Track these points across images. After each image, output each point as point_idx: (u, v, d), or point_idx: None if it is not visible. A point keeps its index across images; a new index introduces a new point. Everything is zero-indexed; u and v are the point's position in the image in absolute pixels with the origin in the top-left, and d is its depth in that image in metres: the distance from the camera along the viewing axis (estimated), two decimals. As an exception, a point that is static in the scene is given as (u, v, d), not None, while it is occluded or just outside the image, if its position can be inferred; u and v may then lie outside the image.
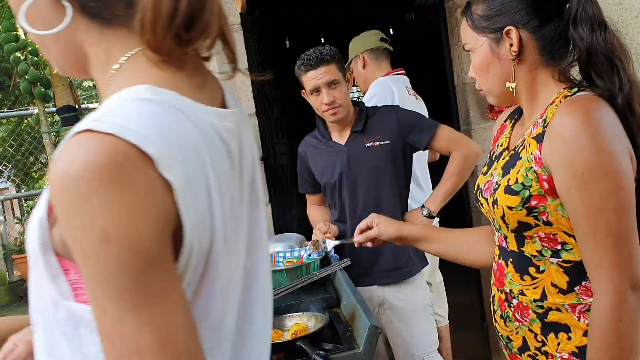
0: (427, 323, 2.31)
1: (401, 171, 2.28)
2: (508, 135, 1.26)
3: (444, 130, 2.25)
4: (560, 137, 1.02)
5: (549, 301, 1.12)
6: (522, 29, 1.12)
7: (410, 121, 2.26)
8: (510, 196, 1.11)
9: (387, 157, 2.23)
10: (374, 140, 2.24)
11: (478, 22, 1.17)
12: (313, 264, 1.90)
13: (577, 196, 1.01)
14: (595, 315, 1.02)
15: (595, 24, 1.09)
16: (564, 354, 1.11)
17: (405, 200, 2.35)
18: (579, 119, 1.01)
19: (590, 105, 1.03)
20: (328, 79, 2.17)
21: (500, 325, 1.24)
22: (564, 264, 1.11)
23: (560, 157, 1.02)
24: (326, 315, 1.51)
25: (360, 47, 2.97)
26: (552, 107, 1.09)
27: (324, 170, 2.31)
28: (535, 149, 1.08)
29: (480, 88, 1.24)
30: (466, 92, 3.25)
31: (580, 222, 1.02)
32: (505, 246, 1.21)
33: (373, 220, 1.52)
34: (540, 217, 1.09)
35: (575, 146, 1.00)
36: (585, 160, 0.99)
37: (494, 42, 1.15)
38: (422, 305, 2.29)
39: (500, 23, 1.13)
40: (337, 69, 2.20)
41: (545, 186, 1.06)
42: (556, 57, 1.13)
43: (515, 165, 1.13)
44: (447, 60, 3.34)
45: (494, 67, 1.17)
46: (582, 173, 1.00)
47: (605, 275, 1.00)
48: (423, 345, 2.27)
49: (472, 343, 3.54)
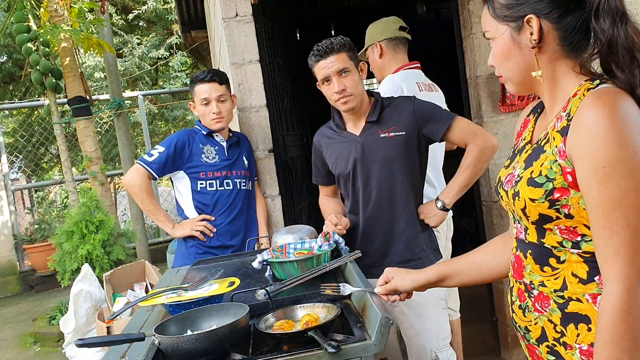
0: (439, 316, 2.30)
1: (415, 163, 2.26)
2: (531, 129, 1.27)
3: (460, 122, 2.23)
4: (585, 129, 1.02)
5: (570, 291, 1.12)
6: (543, 18, 1.11)
7: (426, 112, 2.24)
8: (534, 188, 1.11)
9: (402, 148, 2.22)
10: (389, 130, 2.22)
11: (499, 10, 1.16)
12: (324, 255, 1.89)
13: (596, 189, 1.01)
14: (605, 307, 1.02)
15: (617, 16, 1.08)
16: (583, 345, 1.10)
17: (419, 193, 2.33)
18: (605, 112, 1.01)
19: (616, 98, 1.03)
20: (338, 67, 2.16)
21: (518, 315, 1.24)
22: (584, 254, 1.11)
23: (584, 149, 1.02)
24: (337, 306, 1.50)
25: (379, 35, 2.90)
26: (575, 99, 1.09)
27: (338, 161, 2.30)
28: (560, 142, 1.08)
29: (500, 75, 1.23)
30: (478, 85, 3.22)
31: (598, 214, 1.02)
32: (523, 238, 1.21)
33: (387, 275, 1.52)
34: (562, 210, 1.09)
35: (599, 139, 1.00)
36: (608, 154, 0.99)
37: (515, 30, 1.15)
38: (435, 299, 2.27)
39: (522, 12, 1.13)
40: (347, 57, 2.18)
41: (568, 179, 1.06)
42: (576, 48, 1.13)
43: (539, 158, 1.12)
44: (459, 53, 3.32)
45: (514, 56, 1.16)
46: (604, 166, 1.00)
47: (617, 268, 1.00)
48: (436, 339, 2.26)
49: (482, 336, 3.53)
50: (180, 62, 9.78)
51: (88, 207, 4.43)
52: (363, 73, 2.27)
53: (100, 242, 4.33)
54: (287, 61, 4.08)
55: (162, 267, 4.88)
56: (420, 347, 2.24)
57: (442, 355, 2.25)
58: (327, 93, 2.23)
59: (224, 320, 1.41)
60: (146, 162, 2.72)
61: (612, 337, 1.00)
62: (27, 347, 4.96)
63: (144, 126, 7.79)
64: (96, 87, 9.73)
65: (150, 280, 3.76)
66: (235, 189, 2.83)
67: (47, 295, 6.58)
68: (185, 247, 2.82)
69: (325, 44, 2.18)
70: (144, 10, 9.71)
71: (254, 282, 1.88)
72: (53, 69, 5.17)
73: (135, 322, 1.67)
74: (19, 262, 7.08)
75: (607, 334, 1.00)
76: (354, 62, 2.21)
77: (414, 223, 2.28)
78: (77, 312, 3.66)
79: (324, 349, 1.26)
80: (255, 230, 2.93)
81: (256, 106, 3.12)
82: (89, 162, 5.14)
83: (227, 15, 3.08)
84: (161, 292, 1.68)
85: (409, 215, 2.26)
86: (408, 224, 2.26)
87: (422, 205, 2.31)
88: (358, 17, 4.77)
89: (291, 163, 3.68)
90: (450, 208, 2.28)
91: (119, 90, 6.18)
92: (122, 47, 10.05)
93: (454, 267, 1.46)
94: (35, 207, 8.45)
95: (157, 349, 1.34)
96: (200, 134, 2.83)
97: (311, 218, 4.10)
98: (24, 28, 5.08)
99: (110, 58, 6.06)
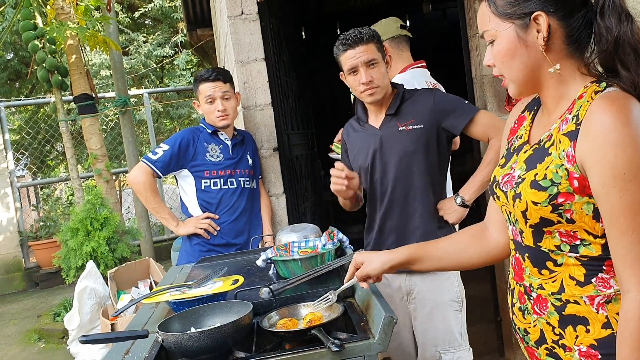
0: (449, 318, 2.24)
1: (434, 158, 2.20)
2: (528, 128, 1.24)
3: (483, 115, 2.18)
4: (600, 135, 1.01)
5: (567, 293, 1.11)
6: (550, 16, 1.10)
7: (448, 105, 2.19)
8: (537, 191, 1.09)
9: (420, 142, 2.17)
10: (407, 124, 2.18)
11: (503, 8, 1.14)
12: (328, 254, 1.89)
13: (616, 195, 1.00)
14: (630, 312, 1.00)
15: (623, 14, 1.08)
16: (582, 347, 1.10)
17: (439, 189, 2.27)
18: (620, 118, 1.00)
19: (629, 103, 1.02)
20: (366, 58, 2.12)
21: (518, 317, 1.23)
22: (581, 258, 1.10)
23: (600, 156, 1.01)
24: (341, 304, 1.50)
25: (381, 35, 2.90)
26: (582, 102, 1.08)
27: (359, 154, 2.29)
28: (567, 146, 1.06)
29: (499, 74, 1.20)
30: (484, 84, 3.21)
31: (618, 220, 1.01)
32: (520, 241, 1.20)
33: (357, 261, 1.47)
34: (564, 215, 1.08)
35: (616, 145, 0.99)
36: (627, 160, 0.99)
37: (520, 28, 1.12)
38: (446, 300, 2.22)
39: (528, 8, 1.11)
40: (375, 49, 2.15)
41: (574, 184, 1.05)
42: (581, 47, 1.12)
43: (544, 160, 1.11)
44: (465, 52, 3.31)
45: (520, 55, 1.14)
46: (623, 173, 0.99)
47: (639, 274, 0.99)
48: (442, 340, 2.21)
49: (485, 337, 3.52)
50: (186, 60, 9.79)
51: (93, 205, 4.45)
52: (389, 66, 2.24)
53: (105, 240, 4.34)
54: (292, 60, 4.08)
55: (167, 265, 4.88)
56: (429, 346, 2.23)
57: (447, 357, 2.21)
58: (353, 84, 2.18)
59: (228, 318, 1.41)
60: (150, 160, 2.73)
61: (634, 343, 0.99)
62: (32, 344, 4.98)
63: (149, 124, 7.80)
64: (102, 85, 9.75)
65: (154, 278, 3.77)
66: (239, 188, 2.83)
67: (52, 292, 6.60)
68: (190, 244, 2.83)
69: (353, 34, 2.14)
70: (150, 9, 9.74)
71: (257, 280, 1.88)
72: (59, 67, 5.18)
73: (139, 319, 1.68)
74: (24, 259, 7.10)
75: (634, 341, 0.99)
76: (382, 53, 2.18)
77: (431, 219, 2.22)
78: (81, 309, 3.68)
79: (327, 348, 1.26)
80: (259, 228, 2.93)
81: (261, 104, 3.12)
82: (95, 159, 5.16)
83: (233, 13, 3.08)
84: (165, 290, 1.69)
85: (424, 211, 2.21)
86: (423, 219, 2.21)
87: (441, 201, 2.25)
88: (363, 16, 4.76)
89: (296, 162, 3.68)
90: (470, 205, 2.22)
91: (124, 88, 6.19)
92: (128, 45, 10.07)
93: (425, 252, 1.42)
94: (41, 204, 8.46)
95: (161, 346, 1.35)
96: (205, 132, 2.83)
97: (315, 216, 4.10)
98: (31, 25, 5.08)
99: (116, 56, 6.07)
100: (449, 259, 1.42)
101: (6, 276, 6.99)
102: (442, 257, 1.42)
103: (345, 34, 2.16)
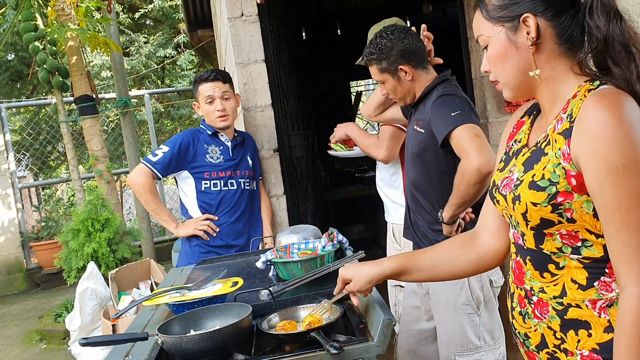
0: (462, 321, 2.18)
1: (431, 165, 2.15)
2: (527, 132, 1.24)
3: (458, 133, 1.98)
4: (593, 131, 1.01)
5: (569, 297, 1.11)
6: (539, 16, 1.11)
7: (435, 114, 2.07)
8: (536, 192, 1.09)
9: (421, 145, 2.15)
10: (417, 124, 2.17)
11: (493, 12, 1.15)
12: (327, 255, 1.89)
13: (610, 190, 1.00)
14: (627, 309, 1.00)
15: (611, 12, 1.08)
16: (584, 351, 1.09)
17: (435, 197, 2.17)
18: (612, 113, 1.00)
19: (621, 99, 1.02)
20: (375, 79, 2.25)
21: (518, 322, 1.23)
22: (583, 260, 1.10)
23: (593, 151, 1.01)
24: (340, 307, 1.51)
25: None
26: (575, 101, 1.08)
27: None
28: (563, 144, 1.06)
29: (495, 80, 1.21)
30: (484, 85, 3.22)
31: (613, 216, 1.01)
32: (522, 244, 1.20)
33: (344, 277, 1.44)
34: (565, 214, 1.07)
35: (610, 140, 0.99)
36: (620, 155, 0.98)
37: (510, 31, 1.13)
38: (459, 304, 2.18)
39: (517, 11, 1.12)
40: (377, 70, 2.21)
41: (572, 182, 1.05)
42: (573, 47, 1.12)
43: (540, 161, 1.11)
44: (465, 53, 3.32)
45: (511, 58, 1.15)
46: (616, 167, 0.99)
47: (637, 269, 0.99)
48: (454, 343, 2.18)
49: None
50: (187, 60, 9.80)
51: (94, 205, 4.45)
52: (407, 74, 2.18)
53: (106, 240, 4.34)
54: (292, 60, 4.08)
55: (168, 266, 4.89)
56: (441, 344, 2.23)
57: (462, 359, 2.18)
58: None
59: (227, 320, 1.42)
60: (150, 161, 2.73)
61: (636, 340, 0.98)
62: (33, 345, 4.99)
63: (150, 125, 7.80)
64: (103, 86, 9.77)
65: (155, 279, 3.77)
66: (239, 189, 2.83)
67: (53, 292, 6.61)
68: (189, 246, 2.83)
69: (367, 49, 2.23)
70: (151, 9, 9.75)
71: (257, 282, 1.88)
72: (60, 68, 5.18)
73: (139, 321, 1.68)
74: (25, 260, 7.11)
75: (631, 337, 0.99)
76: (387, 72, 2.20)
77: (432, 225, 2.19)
78: (82, 310, 3.68)
79: (326, 350, 1.27)
80: (259, 230, 2.93)
81: (261, 106, 3.13)
82: (95, 160, 5.16)
83: (233, 15, 3.08)
84: (165, 292, 1.69)
85: (424, 216, 2.21)
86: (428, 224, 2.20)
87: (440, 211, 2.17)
88: (363, 17, 4.77)
89: (296, 162, 3.68)
90: (451, 222, 2.12)
91: (125, 88, 6.20)
92: (129, 46, 10.08)
93: (414, 263, 1.40)
94: (42, 205, 8.48)
95: (160, 348, 1.35)
96: (205, 133, 2.84)
97: (316, 217, 4.11)
98: (31, 27, 5.09)
99: (117, 57, 6.08)
100: (439, 267, 1.39)
101: (8, 277, 7.00)
102: (432, 266, 1.39)
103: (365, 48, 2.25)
